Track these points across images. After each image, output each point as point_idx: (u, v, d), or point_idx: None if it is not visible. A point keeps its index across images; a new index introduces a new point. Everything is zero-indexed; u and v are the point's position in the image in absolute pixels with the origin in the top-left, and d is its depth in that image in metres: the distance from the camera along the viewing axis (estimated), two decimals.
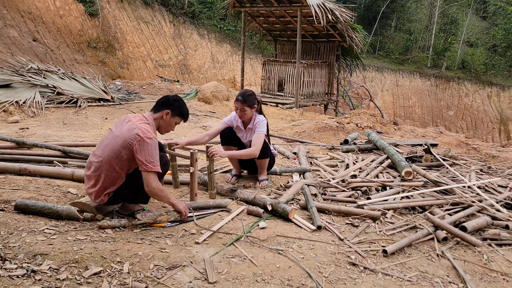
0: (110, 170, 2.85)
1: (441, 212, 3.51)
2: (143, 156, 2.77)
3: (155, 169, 2.80)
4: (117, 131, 2.90)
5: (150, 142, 2.79)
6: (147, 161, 2.77)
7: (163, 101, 3.04)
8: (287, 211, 3.20)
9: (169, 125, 3.08)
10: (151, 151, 2.79)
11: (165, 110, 3.01)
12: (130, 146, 2.79)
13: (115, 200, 3.00)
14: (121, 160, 2.83)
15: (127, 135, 2.81)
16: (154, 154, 2.80)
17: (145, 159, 2.76)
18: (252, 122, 4.02)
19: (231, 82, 19.00)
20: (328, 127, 7.72)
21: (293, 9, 11.50)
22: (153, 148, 2.81)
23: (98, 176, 2.87)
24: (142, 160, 2.76)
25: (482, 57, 25.42)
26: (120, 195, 2.97)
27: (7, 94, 7.74)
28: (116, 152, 2.82)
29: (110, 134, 2.96)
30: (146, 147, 2.77)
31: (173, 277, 2.26)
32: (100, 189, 2.89)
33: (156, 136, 2.91)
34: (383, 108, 20.01)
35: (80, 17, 15.54)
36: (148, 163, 2.77)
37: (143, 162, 2.76)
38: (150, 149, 2.78)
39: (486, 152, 6.42)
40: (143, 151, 2.77)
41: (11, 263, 2.20)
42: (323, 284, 2.36)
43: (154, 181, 2.81)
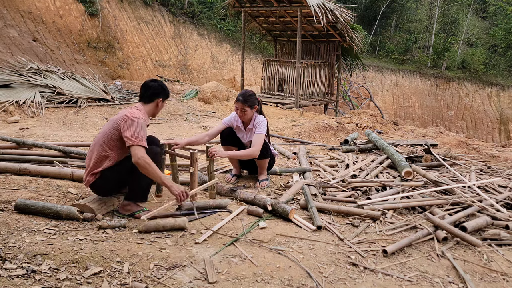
0: (100, 150, 3.03)
1: (441, 212, 3.51)
2: (129, 132, 2.94)
3: (140, 143, 2.94)
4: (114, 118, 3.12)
5: (136, 120, 2.98)
6: (133, 136, 2.93)
7: (152, 91, 3.23)
8: (287, 211, 3.20)
9: (162, 108, 3.34)
10: (136, 128, 2.96)
11: (157, 98, 3.24)
12: (118, 126, 2.99)
13: (101, 183, 3.04)
14: (110, 140, 3.02)
15: (116, 118, 3.06)
16: (140, 131, 2.97)
17: (131, 135, 2.93)
18: (252, 123, 4.02)
19: (231, 82, 19.00)
20: (328, 127, 7.72)
21: (293, 9, 11.50)
22: (139, 126, 2.98)
23: (90, 158, 3.06)
24: (128, 135, 2.94)
25: (482, 57, 25.41)
26: (107, 177, 3.02)
27: (7, 94, 7.74)
28: (107, 133, 3.04)
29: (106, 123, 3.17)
30: (132, 125, 2.96)
31: (173, 277, 2.26)
32: (89, 170, 3.04)
33: (143, 117, 3.07)
34: (383, 108, 20.02)
35: (80, 17, 15.54)
36: (133, 138, 2.93)
37: (129, 137, 2.93)
38: (136, 126, 2.96)
39: (486, 152, 6.42)
40: (129, 127, 2.95)
41: (11, 263, 2.20)
42: (323, 284, 2.36)
43: (140, 152, 2.91)
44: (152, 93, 3.24)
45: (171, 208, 3.33)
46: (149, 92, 3.24)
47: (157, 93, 3.24)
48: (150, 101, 3.24)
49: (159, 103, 3.26)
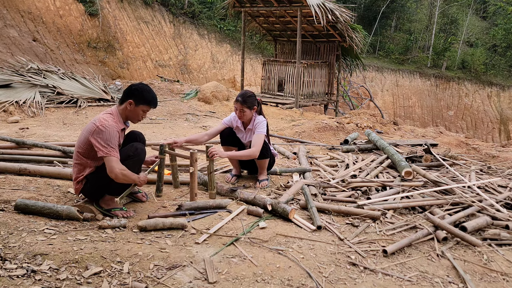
0: (77, 159, 3.03)
1: (441, 212, 3.51)
2: (99, 143, 2.89)
3: (111, 154, 2.88)
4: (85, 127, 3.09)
5: (104, 130, 2.90)
6: (103, 147, 2.88)
7: (126, 91, 3.09)
8: (287, 211, 3.20)
9: (136, 114, 3.10)
10: (105, 138, 2.89)
11: (127, 100, 3.05)
12: (89, 136, 2.95)
13: (89, 189, 3.06)
14: (85, 149, 3.00)
15: (88, 127, 2.99)
16: (108, 140, 2.89)
17: (101, 145, 2.89)
18: (252, 123, 4.02)
19: (231, 82, 19.00)
20: (328, 127, 7.72)
21: (293, 9, 11.50)
22: (109, 134, 2.90)
23: (73, 166, 3.07)
24: (98, 146, 2.90)
25: (482, 57, 25.42)
26: (92, 183, 3.03)
27: (7, 94, 7.74)
28: (81, 143, 3.01)
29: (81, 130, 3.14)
30: (101, 134, 2.90)
31: (173, 277, 2.26)
32: (74, 178, 3.06)
33: (113, 125, 2.96)
34: (383, 108, 20.01)
35: (80, 17, 15.54)
36: (103, 148, 2.88)
37: (100, 148, 2.89)
38: (104, 136, 2.90)
39: (486, 152, 6.41)
40: (98, 138, 2.90)
41: (11, 263, 2.20)
42: (323, 284, 2.36)
43: (113, 164, 2.87)
44: (125, 92, 3.09)
45: (172, 208, 3.34)
46: (124, 91, 3.11)
47: (128, 94, 3.06)
48: (121, 103, 3.08)
49: (128, 106, 3.04)
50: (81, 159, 3.02)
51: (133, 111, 3.08)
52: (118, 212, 3.07)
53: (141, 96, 3.06)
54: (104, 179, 3.00)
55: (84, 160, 3.01)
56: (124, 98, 3.07)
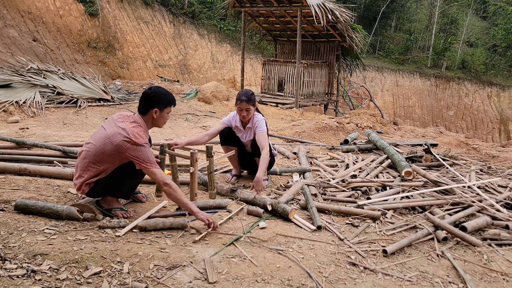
0: (97, 164, 2.92)
1: (441, 212, 3.51)
2: (139, 158, 2.85)
3: (155, 167, 2.90)
4: (110, 130, 2.93)
5: (144, 147, 2.87)
6: (145, 161, 2.86)
7: (146, 101, 3.02)
8: (287, 211, 3.20)
9: (163, 118, 3.10)
10: (147, 155, 2.87)
11: (152, 109, 3.02)
12: (121, 149, 2.84)
13: (96, 190, 3.02)
14: (109, 158, 2.89)
15: (119, 138, 2.84)
16: (150, 157, 2.90)
17: (142, 160, 2.86)
18: (251, 122, 4.03)
19: (231, 82, 19.00)
20: (328, 127, 7.72)
21: (293, 9, 11.50)
22: (148, 152, 2.89)
23: (84, 169, 2.96)
24: (140, 162, 2.86)
25: (482, 57, 25.43)
26: (101, 186, 3.00)
27: (7, 94, 7.74)
28: (105, 151, 2.87)
29: (102, 131, 3.00)
30: (142, 152, 2.85)
31: (173, 277, 2.26)
32: (83, 181, 2.97)
33: (147, 141, 2.97)
34: (383, 108, 20.01)
35: (80, 17, 15.54)
36: (147, 162, 2.87)
37: (142, 163, 2.86)
38: (145, 153, 2.87)
39: (486, 152, 6.41)
40: (138, 153, 2.84)
41: (11, 263, 2.20)
42: (323, 284, 2.36)
43: (162, 178, 2.89)
44: (145, 103, 3.02)
45: (172, 208, 3.34)
46: (143, 101, 3.03)
47: (150, 103, 3.00)
48: (145, 113, 3.03)
49: (154, 115, 3.01)
50: (99, 166, 2.91)
51: (160, 118, 3.07)
52: (118, 212, 3.07)
53: (163, 101, 3.05)
54: (114, 183, 3.00)
55: (102, 167, 2.92)
56: (147, 108, 3.01)
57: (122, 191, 3.15)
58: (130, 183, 3.15)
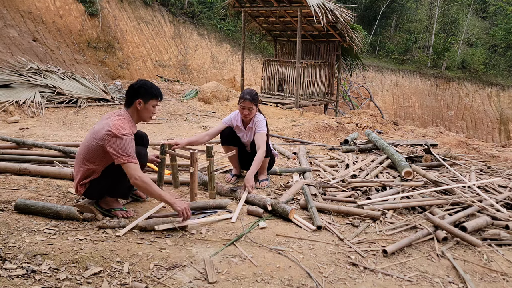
0: (85, 163, 2.94)
1: (441, 212, 3.51)
2: (117, 150, 2.81)
3: (132, 160, 2.84)
4: (96, 127, 2.98)
5: (123, 138, 2.83)
6: (122, 154, 2.81)
7: (130, 93, 3.02)
8: (287, 211, 3.20)
9: (148, 111, 3.06)
10: (124, 145, 2.82)
11: (136, 100, 3.00)
12: (103, 143, 2.84)
13: (92, 191, 3.02)
14: (95, 155, 2.90)
15: (102, 132, 2.86)
16: (128, 148, 2.84)
17: (119, 153, 2.81)
18: (252, 122, 4.03)
19: (231, 82, 19.00)
20: (328, 127, 7.72)
21: (293, 9, 11.50)
22: (127, 142, 2.84)
23: (77, 169, 2.99)
24: (116, 154, 2.81)
25: (482, 57, 25.43)
26: (96, 187, 2.99)
27: (7, 94, 7.74)
28: (91, 147, 2.89)
29: (91, 129, 3.04)
30: (119, 142, 2.81)
31: (173, 277, 2.26)
32: (78, 181, 2.98)
33: (131, 132, 2.92)
34: (383, 108, 20.02)
35: (80, 17, 15.54)
36: (123, 155, 2.81)
37: (117, 155, 2.81)
38: (123, 144, 2.82)
39: (486, 152, 6.41)
40: (116, 145, 2.81)
41: (11, 263, 2.20)
42: (323, 284, 2.36)
43: (134, 171, 2.82)
44: (130, 94, 3.01)
45: (171, 208, 3.33)
46: (128, 93, 3.02)
47: (134, 94, 2.99)
48: (129, 105, 3.01)
49: (138, 106, 2.99)
50: (88, 165, 2.92)
51: (144, 110, 3.04)
52: (118, 212, 3.07)
53: (148, 92, 3.02)
54: (109, 183, 2.99)
55: (91, 166, 2.93)
56: (131, 100, 3.01)
57: (119, 191, 3.13)
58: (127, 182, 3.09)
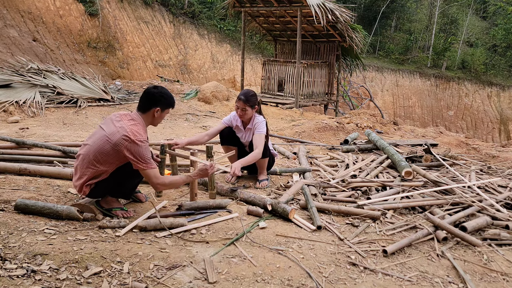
0: (96, 165, 2.89)
1: (441, 212, 3.51)
2: (136, 157, 2.84)
3: (151, 166, 2.91)
4: (108, 129, 2.92)
5: (141, 145, 2.85)
6: (142, 161, 2.86)
7: (149, 99, 3.02)
8: (287, 211, 3.20)
9: (162, 118, 3.15)
10: (143, 153, 2.87)
11: (154, 108, 3.02)
12: (119, 147, 2.83)
13: (97, 192, 3.01)
14: (108, 157, 2.88)
15: (117, 137, 2.84)
16: (147, 155, 2.90)
17: (139, 159, 2.85)
18: (251, 123, 4.03)
19: (231, 82, 19.00)
20: (328, 127, 7.72)
21: (293, 9, 11.50)
22: (145, 150, 2.89)
23: (84, 170, 2.93)
24: (137, 160, 2.85)
25: (482, 57, 25.43)
26: (102, 187, 2.98)
27: (7, 94, 7.74)
28: (104, 150, 2.86)
29: (100, 131, 2.98)
30: (138, 149, 2.84)
31: (173, 277, 2.26)
32: (84, 182, 2.94)
33: (146, 138, 2.96)
34: (383, 108, 20.02)
35: (80, 17, 15.55)
36: (143, 162, 2.87)
37: (137, 162, 2.85)
38: (142, 151, 2.86)
39: (486, 152, 6.42)
40: (135, 152, 2.83)
41: (11, 263, 2.20)
42: (323, 284, 2.36)
43: (155, 178, 2.92)
44: (149, 100, 3.01)
45: (172, 208, 3.34)
46: (146, 98, 3.03)
47: (154, 101, 3.01)
48: (145, 111, 3.02)
49: (155, 113, 3.03)
50: (98, 167, 2.89)
51: (159, 117, 3.09)
52: (118, 212, 3.07)
53: (167, 102, 3.07)
54: (116, 184, 3.00)
55: (102, 168, 2.90)
56: (149, 106, 3.01)
57: (122, 192, 3.15)
58: (131, 183, 3.15)
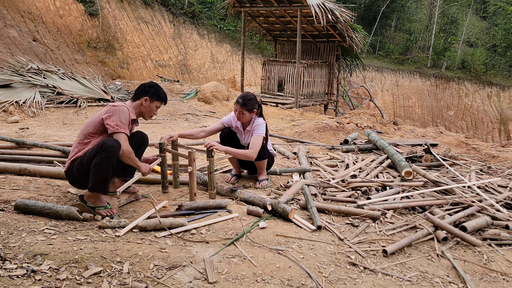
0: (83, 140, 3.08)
1: (441, 212, 3.51)
2: (111, 120, 3.02)
3: (122, 130, 3.03)
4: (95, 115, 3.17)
5: (118, 108, 3.06)
6: (115, 124, 3.01)
7: (140, 89, 3.30)
8: (287, 211, 3.20)
9: (151, 110, 3.32)
10: (119, 115, 3.04)
11: (143, 97, 3.26)
12: (101, 115, 3.07)
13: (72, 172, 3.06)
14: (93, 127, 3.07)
15: (103, 110, 3.13)
16: (122, 119, 3.05)
17: (113, 123, 3.01)
18: (251, 125, 4.01)
19: (231, 82, 19.00)
20: (328, 127, 7.72)
21: (293, 9, 11.50)
22: (121, 113, 3.06)
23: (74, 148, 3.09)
24: (110, 123, 3.01)
25: (482, 57, 25.43)
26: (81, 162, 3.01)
27: (7, 94, 7.74)
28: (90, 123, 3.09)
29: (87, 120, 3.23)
30: (115, 112, 3.04)
31: (173, 277, 2.26)
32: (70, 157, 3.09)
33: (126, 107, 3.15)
34: (383, 108, 20.02)
35: (80, 17, 15.54)
36: (115, 125, 3.01)
37: (111, 124, 3.01)
38: (118, 114, 3.04)
39: (486, 152, 6.42)
40: (112, 116, 3.03)
41: (11, 263, 2.20)
42: (323, 284, 2.36)
43: (123, 142, 3.01)
44: (139, 90, 3.29)
45: (172, 208, 3.34)
46: (138, 89, 3.31)
47: (144, 91, 3.27)
48: (136, 99, 3.28)
49: (143, 102, 3.26)
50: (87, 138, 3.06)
51: (148, 107, 3.28)
52: (102, 211, 3.04)
53: (156, 93, 3.30)
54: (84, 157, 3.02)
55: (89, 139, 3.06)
56: (139, 95, 3.27)
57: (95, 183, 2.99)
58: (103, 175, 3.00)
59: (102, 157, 2.91)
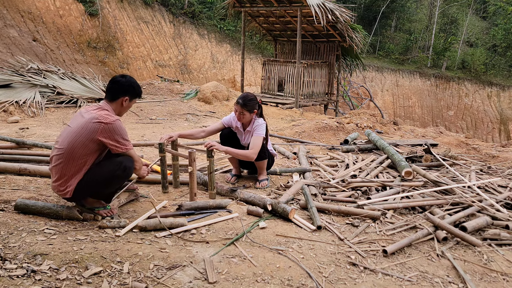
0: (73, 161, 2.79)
1: (441, 212, 3.51)
2: (113, 140, 2.83)
3: (129, 147, 2.93)
4: (75, 124, 2.85)
5: (114, 123, 2.83)
6: (120, 143, 2.86)
7: (118, 88, 2.99)
8: (287, 211, 3.19)
9: (129, 108, 3.12)
10: (119, 131, 2.85)
11: (122, 97, 3.00)
12: (94, 135, 2.78)
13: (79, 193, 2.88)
14: (83, 149, 2.78)
15: (90, 126, 2.79)
16: (123, 134, 2.88)
17: (117, 142, 2.85)
18: (251, 125, 4.00)
19: (231, 82, 19.00)
20: (328, 127, 7.72)
21: (293, 9, 11.50)
22: (119, 128, 2.86)
23: (61, 169, 2.81)
24: (116, 144, 2.85)
25: (482, 57, 25.44)
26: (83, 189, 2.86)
27: (7, 94, 7.74)
28: (77, 143, 2.78)
29: (67, 128, 2.90)
30: (114, 129, 2.82)
31: (173, 277, 2.26)
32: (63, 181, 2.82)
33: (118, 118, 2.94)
34: (383, 108, 20.02)
35: (80, 17, 15.55)
36: (123, 146, 2.88)
37: (116, 145, 2.85)
38: (117, 130, 2.84)
39: (486, 152, 6.42)
40: (113, 132, 2.82)
41: (11, 263, 2.20)
42: (323, 284, 2.36)
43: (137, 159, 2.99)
44: (117, 90, 2.98)
45: (172, 208, 3.34)
46: (114, 88, 2.99)
47: (123, 91, 2.99)
48: (114, 99, 2.98)
49: (123, 102, 3.00)
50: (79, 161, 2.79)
51: (127, 106, 3.07)
52: (101, 212, 3.02)
53: (135, 91, 3.07)
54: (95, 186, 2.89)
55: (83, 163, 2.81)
56: (117, 95, 2.98)
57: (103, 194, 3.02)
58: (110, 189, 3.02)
59: (120, 177, 2.92)
